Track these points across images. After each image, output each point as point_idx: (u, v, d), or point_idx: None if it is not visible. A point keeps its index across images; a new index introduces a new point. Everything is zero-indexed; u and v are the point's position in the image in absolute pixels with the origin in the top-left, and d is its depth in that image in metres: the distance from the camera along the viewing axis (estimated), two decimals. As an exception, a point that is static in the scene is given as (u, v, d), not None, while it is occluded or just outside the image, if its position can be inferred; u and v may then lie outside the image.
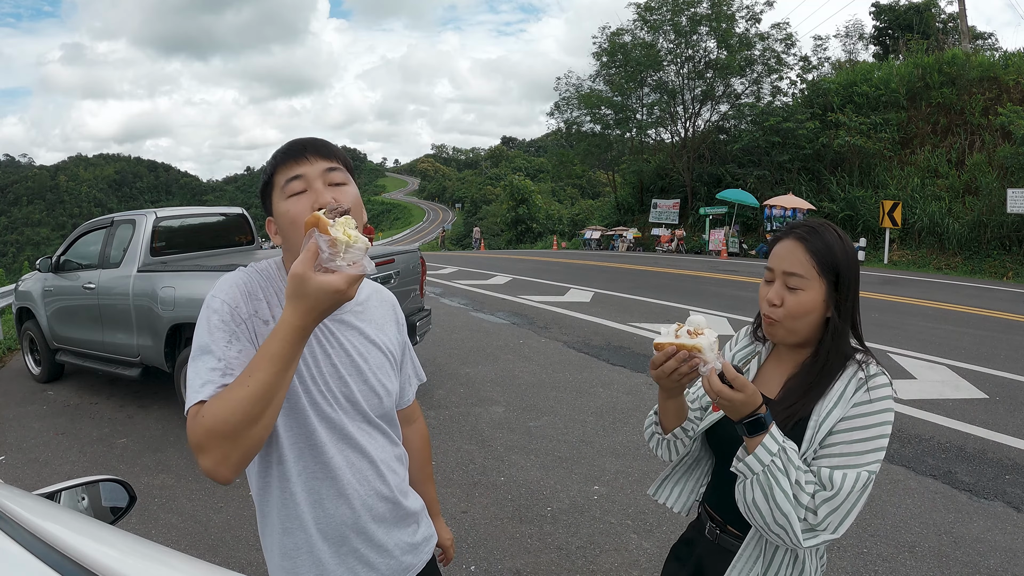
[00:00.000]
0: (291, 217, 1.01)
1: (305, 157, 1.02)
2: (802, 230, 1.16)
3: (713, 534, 1.24)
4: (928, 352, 5.81)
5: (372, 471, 1.10)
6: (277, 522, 1.06)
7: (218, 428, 0.84)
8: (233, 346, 0.94)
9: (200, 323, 0.97)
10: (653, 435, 1.29)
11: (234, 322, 0.96)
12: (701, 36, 20.73)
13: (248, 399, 0.84)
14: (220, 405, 0.86)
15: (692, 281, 11.28)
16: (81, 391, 5.51)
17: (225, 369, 0.92)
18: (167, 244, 4.99)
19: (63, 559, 0.71)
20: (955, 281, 11.66)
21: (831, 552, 2.71)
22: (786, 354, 1.22)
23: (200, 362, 0.93)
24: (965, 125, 16.23)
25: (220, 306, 0.98)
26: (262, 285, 1.04)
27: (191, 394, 0.91)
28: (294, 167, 1.02)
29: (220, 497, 3.40)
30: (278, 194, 1.03)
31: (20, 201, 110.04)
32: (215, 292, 1.00)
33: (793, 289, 1.13)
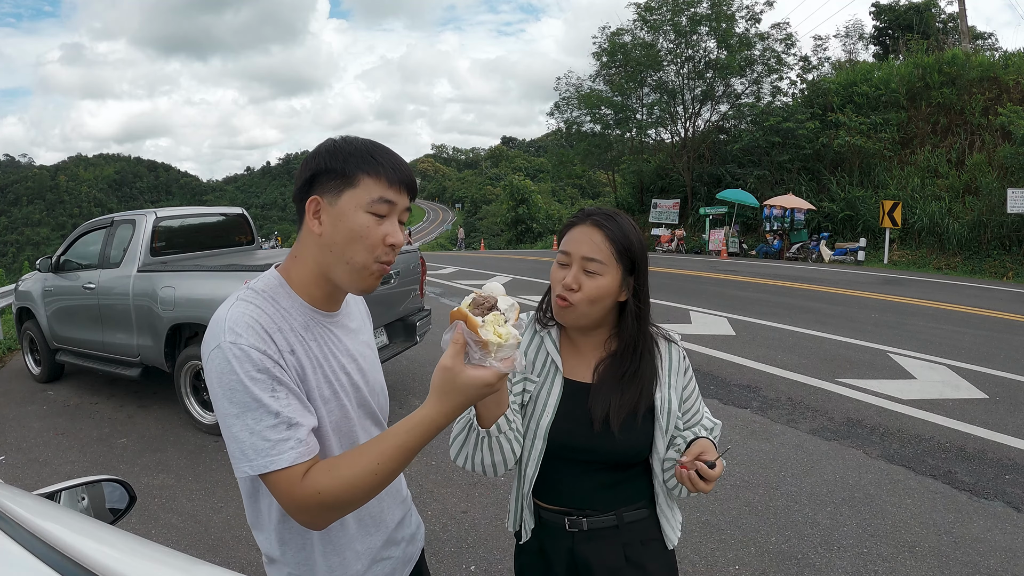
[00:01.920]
0: (362, 235, 0.94)
1: (404, 189, 0.98)
2: (600, 216, 1.18)
3: (578, 524, 1.22)
4: (928, 352, 5.81)
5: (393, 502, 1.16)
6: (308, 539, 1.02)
7: (334, 503, 0.86)
8: (280, 394, 0.88)
9: (223, 374, 0.87)
10: (469, 437, 1.12)
11: (271, 366, 0.89)
12: (701, 36, 20.73)
13: (374, 484, 0.86)
14: (337, 484, 0.85)
15: (692, 281, 11.28)
16: (81, 391, 5.51)
17: (288, 421, 0.87)
18: (167, 244, 4.99)
19: (63, 559, 0.71)
20: (955, 281, 11.66)
21: (831, 552, 2.71)
22: (578, 338, 1.26)
23: (250, 420, 0.86)
24: (965, 125, 16.23)
25: (247, 352, 0.87)
26: (270, 312, 0.95)
27: (258, 456, 0.85)
28: (393, 191, 0.96)
29: (220, 497, 3.40)
30: (356, 199, 0.94)
31: (20, 201, 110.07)
32: (232, 337, 0.88)
33: (591, 274, 1.16)
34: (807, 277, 11.64)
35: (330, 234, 0.95)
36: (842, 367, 5.37)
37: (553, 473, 1.23)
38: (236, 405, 0.86)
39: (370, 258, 0.95)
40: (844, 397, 4.61)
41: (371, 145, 0.98)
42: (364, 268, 0.96)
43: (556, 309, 1.20)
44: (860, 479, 3.37)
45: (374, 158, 0.95)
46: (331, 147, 0.97)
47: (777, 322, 7.16)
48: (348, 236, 0.94)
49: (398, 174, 0.96)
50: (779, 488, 3.30)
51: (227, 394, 0.87)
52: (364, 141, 0.99)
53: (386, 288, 4.55)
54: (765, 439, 3.92)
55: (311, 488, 0.85)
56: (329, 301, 1.03)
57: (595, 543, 1.22)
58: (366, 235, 0.94)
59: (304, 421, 0.89)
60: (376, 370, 1.14)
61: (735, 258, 16.90)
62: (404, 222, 1.01)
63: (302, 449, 0.86)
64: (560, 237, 1.23)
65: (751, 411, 4.40)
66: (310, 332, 0.99)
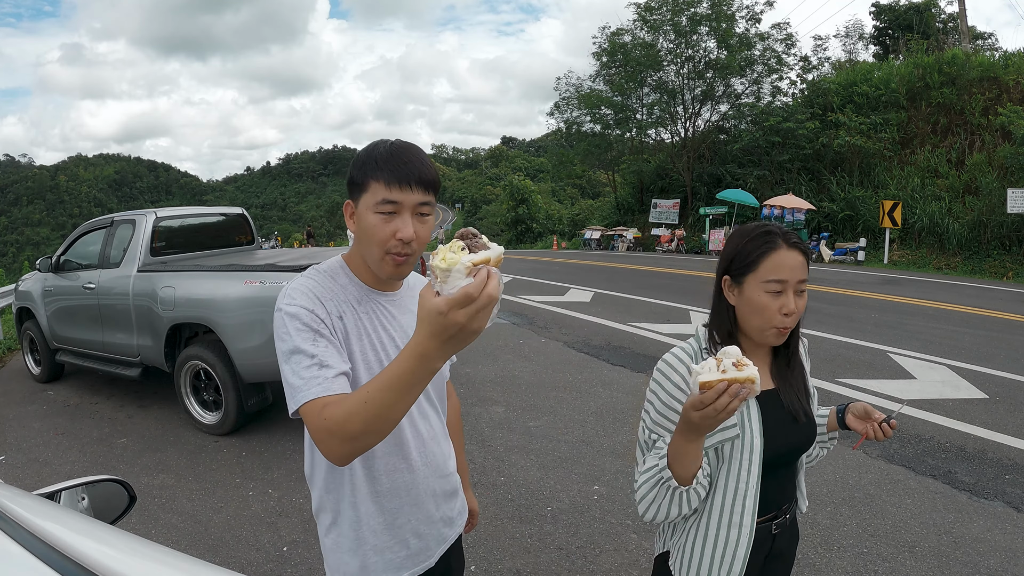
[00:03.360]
0: (371, 233, 1.08)
1: (410, 186, 1.07)
2: (793, 238, 1.21)
3: (782, 524, 1.29)
4: (928, 352, 5.81)
5: (433, 446, 1.24)
6: (348, 494, 1.16)
7: (338, 432, 0.91)
8: (320, 343, 1.02)
9: (279, 329, 1.04)
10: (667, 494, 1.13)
11: (314, 323, 1.03)
12: (701, 36, 20.74)
13: (367, 416, 0.89)
14: (339, 413, 0.91)
15: (692, 281, 11.28)
16: (81, 391, 5.51)
17: (321, 362, 0.99)
18: (167, 244, 4.99)
19: (63, 559, 0.71)
20: (955, 281, 11.66)
21: (831, 552, 2.71)
22: (752, 351, 1.29)
23: (293, 362, 1.00)
24: (965, 125, 16.24)
25: (297, 311, 1.04)
26: (328, 285, 1.12)
27: (296, 392, 0.98)
28: (395, 191, 1.06)
29: (220, 497, 3.40)
30: (367, 201, 1.08)
31: (20, 201, 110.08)
32: (288, 300, 1.06)
33: (800, 293, 1.21)
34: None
35: (358, 232, 1.13)
36: (842, 367, 5.36)
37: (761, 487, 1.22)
38: (285, 353, 1.02)
39: (381, 251, 1.09)
40: (844, 397, 4.61)
41: (385, 150, 1.08)
42: (379, 260, 1.10)
43: (774, 336, 1.22)
44: (860, 479, 3.37)
45: (377, 164, 1.07)
46: (356, 157, 1.11)
47: (777, 322, 7.14)
48: (365, 234, 1.10)
49: (398, 174, 1.06)
50: (779, 488, 3.29)
51: (280, 345, 1.03)
52: (385, 147, 1.09)
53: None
54: (765, 439, 3.92)
55: (324, 415, 0.94)
56: (380, 282, 1.18)
57: (784, 532, 1.31)
58: (374, 233, 1.08)
59: (335, 364, 1.00)
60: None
61: (735, 258, 16.87)
62: (427, 214, 1.11)
63: (327, 385, 0.97)
64: (749, 261, 1.20)
65: (751, 411, 4.40)
66: (363, 305, 1.15)
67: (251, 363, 4.00)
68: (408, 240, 1.08)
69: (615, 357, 5.87)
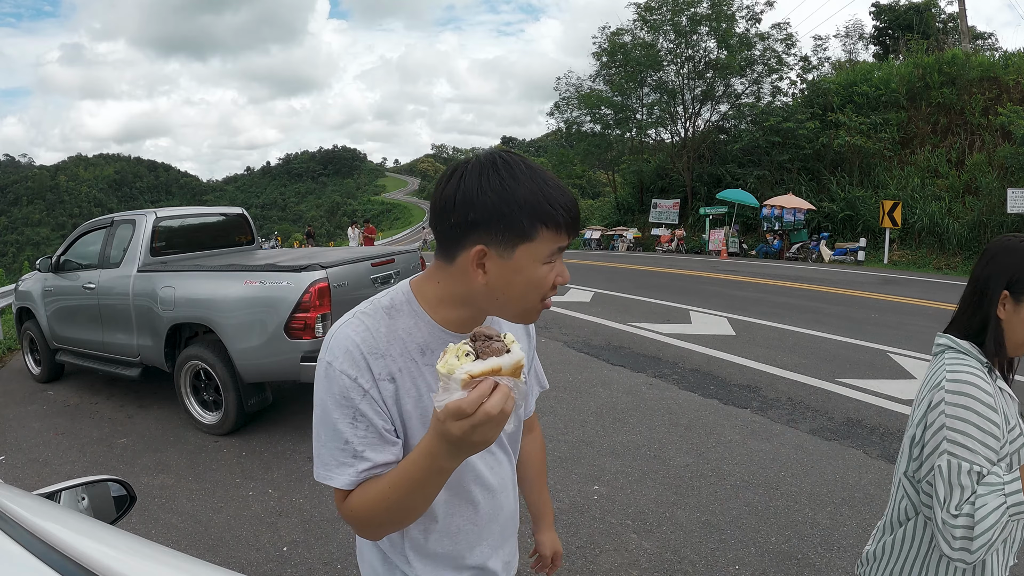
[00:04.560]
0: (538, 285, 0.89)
1: (576, 233, 0.91)
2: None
3: None
4: (928, 352, 5.78)
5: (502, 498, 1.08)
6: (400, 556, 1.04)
7: (361, 522, 0.89)
8: (359, 426, 0.88)
9: (319, 380, 0.91)
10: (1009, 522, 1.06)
11: (356, 396, 0.88)
12: (701, 36, 20.74)
13: (388, 511, 0.85)
14: (362, 506, 0.87)
15: (692, 281, 11.28)
16: (81, 391, 5.51)
17: (355, 452, 0.88)
18: (167, 244, 4.99)
19: (63, 559, 0.71)
20: (955, 281, 11.66)
21: (831, 552, 2.71)
22: None
23: (326, 433, 0.89)
24: (965, 125, 16.23)
25: (339, 377, 0.88)
26: (382, 332, 0.91)
27: (322, 467, 0.90)
28: (565, 235, 0.89)
29: (220, 497, 3.40)
30: (534, 253, 0.87)
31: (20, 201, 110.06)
32: (331, 356, 0.89)
33: None
34: (807, 277, 11.64)
35: (499, 286, 0.88)
36: (842, 367, 5.37)
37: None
38: (319, 416, 0.91)
39: (538, 301, 0.91)
40: (844, 397, 4.61)
41: (540, 182, 0.87)
42: (532, 311, 0.92)
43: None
44: (860, 479, 3.37)
45: (551, 205, 0.86)
46: (499, 188, 0.84)
47: (777, 322, 7.16)
48: (524, 289, 0.89)
49: (570, 215, 0.88)
50: (779, 488, 3.30)
51: (317, 403, 0.91)
52: (530, 175, 0.87)
53: (386, 288, 4.55)
54: (765, 439, 3.92)
55: (348, 505, 0.89)
56: (466, 325, 0.95)
57: None
58: (542, 285, 0.89)
59: (372, 456, 0.88)
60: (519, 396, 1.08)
61: (735, 258, 16.89)
62: None
63: (354, 479, 0.88)
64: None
65: (751, 411, 4.40)
66: (427, 355, 0.93)
67: (251, 363, 4.00)
68: (566, 282, 0.93)
69: (615, 357, 5.87)
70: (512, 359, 0.73)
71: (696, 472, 3.51)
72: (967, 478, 1.09)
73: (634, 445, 3.88)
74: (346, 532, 3.00)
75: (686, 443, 3.90)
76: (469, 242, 0.86)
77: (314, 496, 3.37)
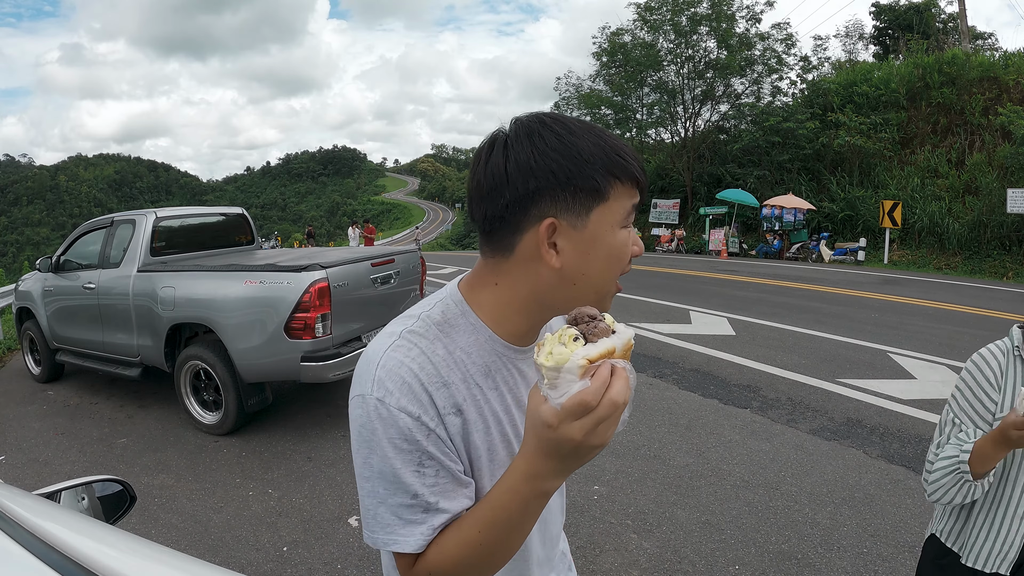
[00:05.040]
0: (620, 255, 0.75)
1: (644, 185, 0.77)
2: None
3: None
4: (928, 352, 5.81)
5: (552, 527, 0.96)
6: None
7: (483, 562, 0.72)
8: (427, 472, 0.71)
9: (362, 428, 0.72)
10: (958, 482, 1.27)
11: (422, 438, 0.71)
12: (701, 36, 20.71)
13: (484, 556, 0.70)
14: (448, 561, 0.71)
15: (692, 281, 11.28)
16: (81, 391, 5.51)
17: (426, 505, 0.71)
18: (167, 244, 4.99)
19: (63, 559, 0.71)
20: (955, 281, 11.66)
21: (831, 552, 2.71)
22: None
23: (384, 490, 0.71)
24: (965, 125, 16.23)
25: (394, 416, 0.70)
26: (439, 355, 0.74)
27: (385, 532, 0.72)
28: (638, 193, 0.76)
29: (220, 497, 3.40)
30: (611, 215, 0.73)
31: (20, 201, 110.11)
32: (381, 393, 0.71)
33: None
34: (807, 277, 11.64)
35: (576, 266, 0.73)
36: (842, 367, 5.37)
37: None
38: (372, 469, 0.72)
39: (616, 279, 0.77)
40: (844, 397, 4.61)
41: (599, 134, 0.75)
42: (609, 294, 0.77)
43: None
44: (860, 479, 3.37)
45: (620, 156, 0.73)
46: (559, 146, 0.71)
47: (777, 322, 7.16)
48: (604, 263, 0.74)
49: (641, 166, 0.76)
50: (779, 488, 3.30)
51: (364, 453, 0.72)
52: (586, 128, 0.75)
53: (386, 288, 4.55)
54: (765, 439, 3.92)
55: (425, 567, 0.72)
56: (531, 333, 0.80)
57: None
58: (622, 255, 0.75)
59: (448, 506, 0.72)
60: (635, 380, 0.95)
61: (735, 258, 16.89)
62: None
63: (433, 536, 0.72)
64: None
65: (751, 411, 4.40)
66: (491, 378, 0.78)
67: (251, 363, 4.00)
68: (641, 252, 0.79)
69: (615, 357, 5.86)
70: (623, 338, 0.62)
71: (696, 472, 3.51)
72: (948, 428, 1.32)
73: (634, 445, 3.88)
74: (346, 532, 3.00)
75: (686, 443, 3.90)
76: (532, 219, 0.72)
77: (314, 496, 3.37)
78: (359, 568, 2.71)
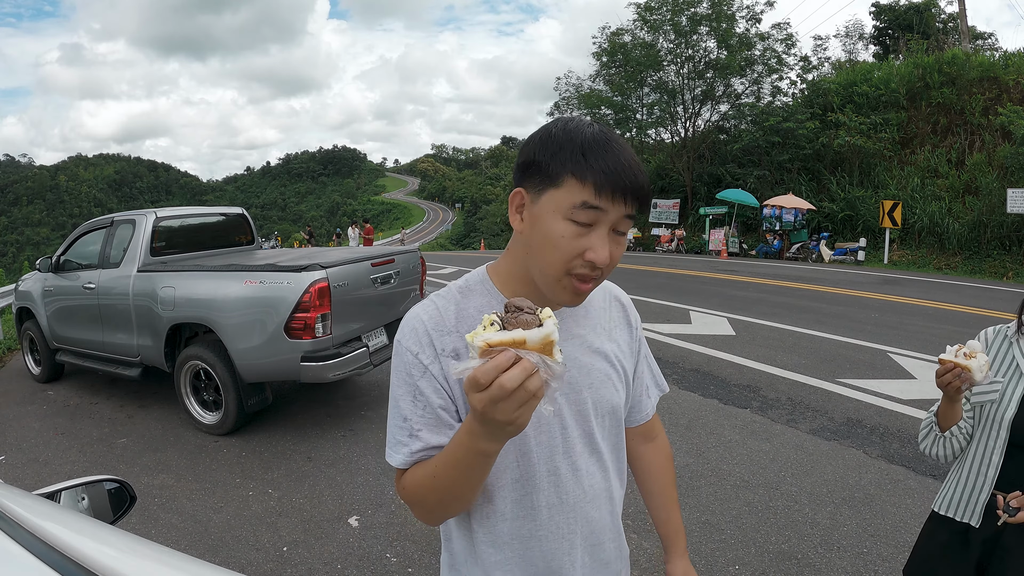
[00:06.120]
0: (555, 244, 0.82)
1: (623, 197, 0.81)
2: None
3: None
4: (928, 352, 5.80)
5: (588, 510, 0.95)
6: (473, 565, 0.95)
7: (414, 503, 0.86)
8: (417, 404, 0.87)
9: (392, 366, 0.91)
10: (929, 434, 1.53)
11: (416, 372, 0.87)
12: (701, 36, 20.72)
13: (437, 493, 0.82)
14: (413, 486, 0.86)
15: (692, 281, 11.28)
16: (81, 391, 5.51)
17: (411, 430, 0.86)
18: (167, 244, 4.99)
19: (63, 559, 0.71)
20: (955, 281, 11.66)
21: (831, 552, 2.71)
22: None
23: (392, 410, 0.90)
24: (965, 125, 16.23)
25: (403, 353, 0.88)
26: (450, 310, 0.90)
27: (388, 446, 0.90)
28: (604, 198, 0.81)
29: (220, 497, 3.40)
30: (556, 202, 0.82)
31: (20, 201, 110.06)
32: (401, 335, 0.90)
33: None
34: (807, 277, 11.64)
35: (528, 233, 0.85)
36: (842, 367, 5.37)
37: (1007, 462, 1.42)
38: (392, 394, 0.91)
39: (561, 270, 0.83)
40: (844, 397, 4.61)
41: (592, 139, 0.83)
42: (555, 280, 0.84)
43: None
44: (860, 479, 3.37)
45: (585, 157, 0.81)
46: (546, 135, 0.84)
47: (777, 322, 7.16)
48: (543, 242, 0.83)
49: (611, 179, 0.80)
50: (779, 488, 3.30)
51: (392, 382, 0.91)
52: (589, 133, 0.83)
53: (386, 288, 4.55)
54: (765, 439, 3.92)
55: (401, 485, 0.89)
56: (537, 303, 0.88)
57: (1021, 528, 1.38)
58: (560, 245, 0.82)
59: (427, 438, 0.86)
60: (607, 387, 0.97)
61: (735, 258, 16.89)
62: (624, 232, 0.85)
63: (408, 459, 0.87)
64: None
65: (751, 411, 4.40)
66: None
67: (251, 363, 4.00)
68: (602, 265, 0.82)
69: (615, 357, 5.86)
70: (540, 333, 0.67)
71: (696, 472, 3.51)
72: None
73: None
74: (346, 532, 3.00)
75: (686, 443, 3.90)
76: (515, 189, 0.87)
77: (314, 496, 3.37)
78: (359, 568, 2.71)
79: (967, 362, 1.34)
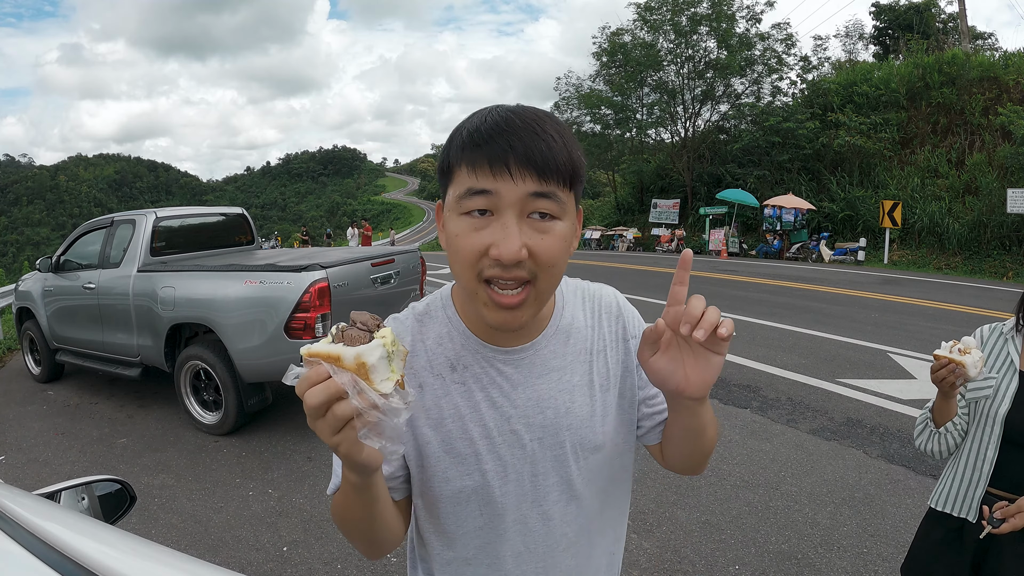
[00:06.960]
0: (455, 247, 0.69)
1: (508, 170, 0.65)
2: None
3: None
4: (928, 352, 5.78)
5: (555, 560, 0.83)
6: None
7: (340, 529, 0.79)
8: None
9: None
10: (925, 430, 1.55)
11: None
12: (701, 36, 20.73)
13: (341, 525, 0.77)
14: (333, 512, 0.79)
15: (692, 281, 11.12)
16: (81, 391, 5.51)
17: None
18: (167, 244, 4.99)
19: (63, 559, 0.71)
20: (955, 281, 11.66)
21: (831, 552, 2.71)
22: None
23: None
24: (965, 125, 16.23)
25: None
26: (410, 342, 0.80)
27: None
28: (484, 177, 0.66)
29: (220, 497, 3.40)
30: (450, 201, 0.70)
31: (20, 201, 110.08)
32: None
33: None
34: (807, 277, 11.64)
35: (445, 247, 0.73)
36: (842, 367, 5.37)
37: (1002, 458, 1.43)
38: None
39: (472, 279, 0.69)
40: (844, 397, 4.61)
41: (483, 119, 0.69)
42: (472, 295, 0.70)
43: None
44: (860, 479, 3.37)
45: (471, 138, 0.67)
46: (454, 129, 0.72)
47: (777, 322, 7.16)
48: (448, 251, 0.71)
49: (491, 151, 0.65)
50: (779, 488, 3.30)
51: None
52: (486, 115, 0.69)
53: (386, 288, 4.55)
54: (765, 439, 3.92)
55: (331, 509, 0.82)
56: (491, 333, 0.77)
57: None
58: (459, 246, 0.68)
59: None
60: (583, 426, 0.82)
61: (735, 258, 16.89)
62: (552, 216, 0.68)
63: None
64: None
65: (751, 411, 4.40)
66: (458, 372, 0.77)
67: (251, 363, 4.00)
68: (512, 261, 0.65)
69: (615, 357, 5.86)
70: (353, 352, 0.57)
71: (696, 472, 3.50)
72: None
73: (634, 445, 3.88)
74: (346, 532, 3.00)
75: (686, 443, 3.90)
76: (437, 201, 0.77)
77: (314, 496, 3.37)
78: (359, 568, 2.71)
79: (962, 358, 1.36)
